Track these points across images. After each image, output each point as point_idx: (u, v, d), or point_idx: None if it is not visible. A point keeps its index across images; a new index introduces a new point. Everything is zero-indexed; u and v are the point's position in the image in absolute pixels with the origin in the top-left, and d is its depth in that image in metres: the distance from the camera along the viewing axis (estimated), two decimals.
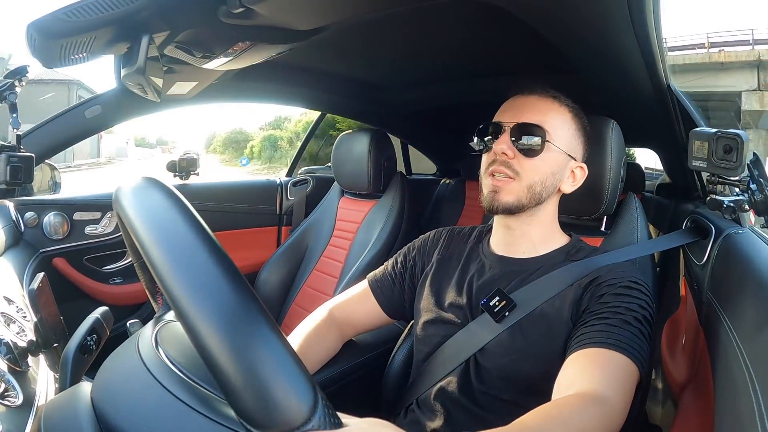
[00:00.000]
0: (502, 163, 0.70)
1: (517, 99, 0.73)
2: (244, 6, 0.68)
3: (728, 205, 0.77)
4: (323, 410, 0.28)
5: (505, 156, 0.69)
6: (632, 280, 0.65)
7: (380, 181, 1.55)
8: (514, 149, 0.69)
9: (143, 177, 0.39)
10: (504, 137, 0.70)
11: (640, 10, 0.72)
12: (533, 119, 0.70)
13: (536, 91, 0.73)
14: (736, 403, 0.46)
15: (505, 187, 0.69)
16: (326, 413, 0.28)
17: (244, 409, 0.27)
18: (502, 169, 0.70)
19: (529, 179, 0.69)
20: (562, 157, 0.72)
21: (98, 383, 0.42)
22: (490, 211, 0.72)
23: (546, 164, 0.70)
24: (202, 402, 0.36)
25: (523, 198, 0.69)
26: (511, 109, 0.73)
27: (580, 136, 0.74)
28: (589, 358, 0.56)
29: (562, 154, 0.71)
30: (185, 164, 1.62)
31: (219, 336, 0.28)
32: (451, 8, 0.92)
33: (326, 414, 0.28)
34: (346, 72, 1.49)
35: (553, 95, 0.73)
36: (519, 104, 0.73)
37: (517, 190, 0.69)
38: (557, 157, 0.71)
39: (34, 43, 0.62)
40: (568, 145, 0.72)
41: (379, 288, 0.84)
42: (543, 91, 0.73)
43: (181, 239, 0.32)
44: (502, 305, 0.68)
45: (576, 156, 0.74)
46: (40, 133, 1.24)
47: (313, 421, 0.27)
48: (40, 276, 0.64)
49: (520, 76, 1.31)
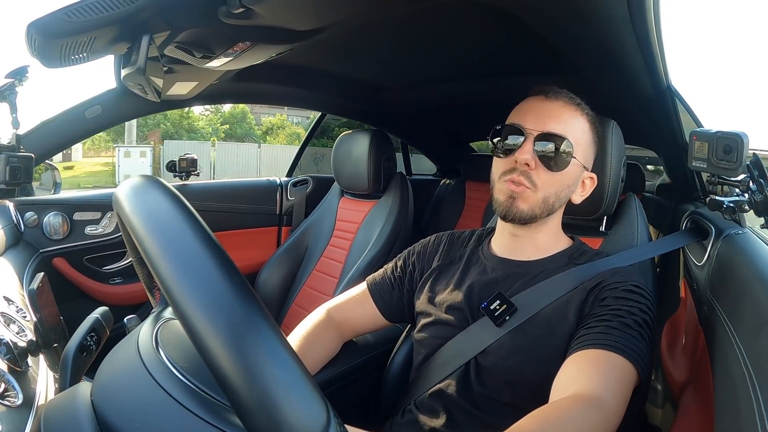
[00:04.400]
0: (522, 173, 0.67)
1: (541, 102, 0.69)
2: (244, 6, 0.68)
3: (728, 205, 0.77)
4: (335, 428, 0.28)
5: (527, 167, 0.67)
6: (634, 284, 0.65)
7: (380, 181, 1.55)
8: (537, 160, 0.67)
9: (143, 177, 0.39)
10: (527, 146, 0.66)
11: (640, 10, 0.72)
12: (559, 130, 0.67)
13: (561, 97, 0.69)
14: (736, 403, 0.46)
15: (522, 195, 0.68)
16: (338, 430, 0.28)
17: (254, 426, 0.27)
18: (521, 179, 0.67)
19: (545, 192, 0.68)
20: (579, 170, 0.71)
21: (98, 383, 0.42)
22: (505, 218, 0.70)
23: (565, 178, 0.69)
24: (202, 404, 0.36)
25: (537, 209, 0.68)
26: (534, 113, 0.69)
27: (595, 145, 0.73)
28: (588, 359, 0.56)
29: (580, 166, 0.70)
30: (185, 164, 1.62)
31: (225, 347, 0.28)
32: (450, 9, 0.92)
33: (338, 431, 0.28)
34: (346, 72, 1.49)
35: (577, 103, 0.70)
36: (543, 109, 0.68)
37: (532, 201, 0.68)
38: (575, 171, 0.70)
39: (34, 43, 0.62)
40: (584, 156, 0.71)
41: (378, 292, 0.83)
42: (567, 98, 0.69)
43: (181, 239, 0.32)
44: (502, 309, 0.67)
45: (588, 166, 0.73)
46: (40, 133, 1.24)
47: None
48: (40, 276, 0.64)
49: (519, 76, 1.31)
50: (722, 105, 60.75)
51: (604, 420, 0.50)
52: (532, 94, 0.71)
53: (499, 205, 0.70)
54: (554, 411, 0.50)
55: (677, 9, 66.36)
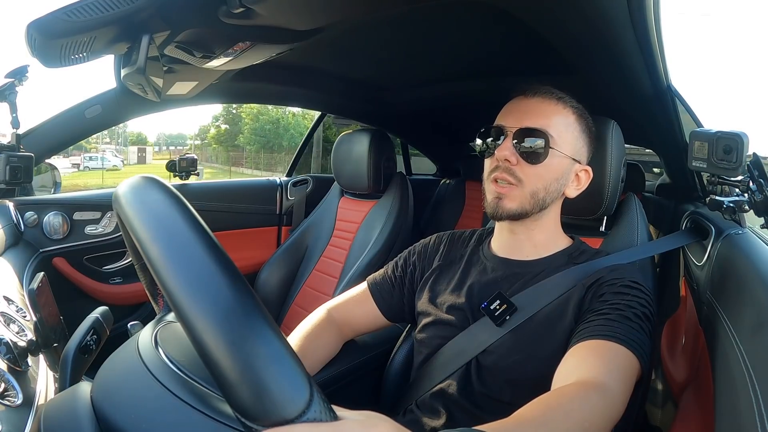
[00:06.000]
0: (504, 170, 0.69)
1: (520, 101, 0.71)
2: (244, 6, 0.68)
3: (728, 205, 0.77)
4: (319, 403, 0.28)
5: (507, 162, 0.68)
6: (632, 280, 0.65)
7: (380, 181, 1.55)
8: (517, 155, 0.68)
9: (143, 177, 0.39)
10: (506, 143, 0.68)
11: (640, 10, 0.72)
12: (536, 124, 0.68)
13: (539, 92, 0.70)
14: (736, 403, 0.46)
15: (509, 194, 0.69)
16: (322, 406, 0.28)
17: (239, 402, 0.28)
18: (505, 176, 0.69)
19: (532, 186, 0.69)
20: (567, 162, 0.71)
21: (98, 383, 0.42)
22: (494, 218, 0.71)
23: (549, 171, 0.69)
24: (202, 401, 0.36)
25: (527, 205, 0.69)
26: (514, 112, 0.71)
27: (585, 137, 0.73)
28: (589, 348, 0.56)
29: (567, 158, 0.70)
30: (185, 164, 1.62)
31: (215, 331, 0.28)
32: (450, 8, 0.92)
33: (322, 407, 0.28)
34: (346, 72, 1.49)
35: (558, 96, 0.71)
36: (522, 107, 0.71)
37: (521, 197, 0.69)
38: (561, 163, 0.70)
39: (34, 43, 0.62)
40: (572, 149, 0.71)
41: (378, 291, 0.83)
42: (547, 93, 0.71)
43: (180, 239, 0.32)
44: (503, 309, 0.68)
45: (581, 159, 0.73)
46: (40, 133, 1.24)
47: (308, 413, 0.27)
48: (40, 276, 0.64)
49: (519, 77, 1.31)
50: (722, 105, 60.93)
51: (608, 406, 0.50)
52: (514, 95, 0.73)
53: (488, 205, 0.71)
54: (557, 397, 0.50)
55: (677, 9, 66.61)
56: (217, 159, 25.78)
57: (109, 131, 28.70)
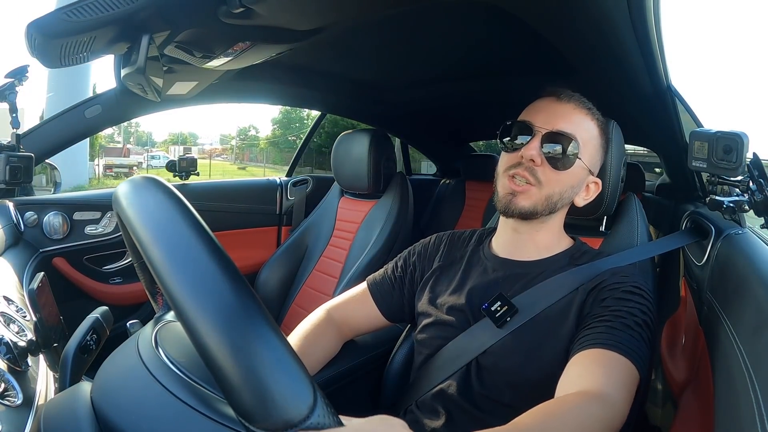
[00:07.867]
0: (526, 169, 0.68)
1: (552, 103, 0.71)
2: (244, 6, 0.67)
3: (728, 205, 0.77)
4: (322, 408, 0.28)
5: (531, 163, 0.68)
6: (634, 285, 0.65)
7: (380, 181, 1.55)
8: (543, 158, 0.68)
9: (143, 177, 0.39)
10: (534, 143, 0.68)
11: (641, 11, 0.72)
12: (568, 129, 0.68)
13: (573, 99, 0.70)
14: (736, 403, 0.46)
15: (524, 193, 0.68)
16: (326, 411, 0.28)
17: (242, 406, 0.27)
18: (526, 174, 0.68)
19: (549, 189, 0.69)
20: (585, 172, 0.71)
21: (98, 383, 0.42)
22: (504, 214, 0.71)
23: (570, 178, 0.69)
24: (202, 401, 0.36)
25: (539, 206, 0.69)
26: (545, 112, 0.70)
27: (602, 151, 0.74)
28: (591, 358, 0.56)
29: (585, 169, 0.71)
30: (185, 164, 1.62)
31: (217, 334, 0.28)
32: (450, 8, 0.92)
33: (326, 411, 0.28)
34: (346, 72, 1.49)
35: (588, 107, 0.71)
36: (553, 109, 0.70)
37: (536, 198, 0.68)
38: (580, 172, 0.71)
39: (34, 43, 0.62)
40: (591, 160, 0.72)
41: (378, 291, 0.83)
42: (579, 101, 0.71)
43: (180, 239, 0.32)
44: (503, 310, 0.67)
45: (594, 171, 0.74)
46: (40, 133, 1.24)
47: (312, 418, 0.27)
48: (40, 276, 0.64)
49: (520, 77, 1.31)
50: (722, 105, 60.91)
51: (609, 416, 0.50)
52: (545, 95, 0.72)
53: (499, 200, 0.71)
54: (558, 405, 0.50)
55: (677, 9, 66.64)
56: (266, 159, 27.59)
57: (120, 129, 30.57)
